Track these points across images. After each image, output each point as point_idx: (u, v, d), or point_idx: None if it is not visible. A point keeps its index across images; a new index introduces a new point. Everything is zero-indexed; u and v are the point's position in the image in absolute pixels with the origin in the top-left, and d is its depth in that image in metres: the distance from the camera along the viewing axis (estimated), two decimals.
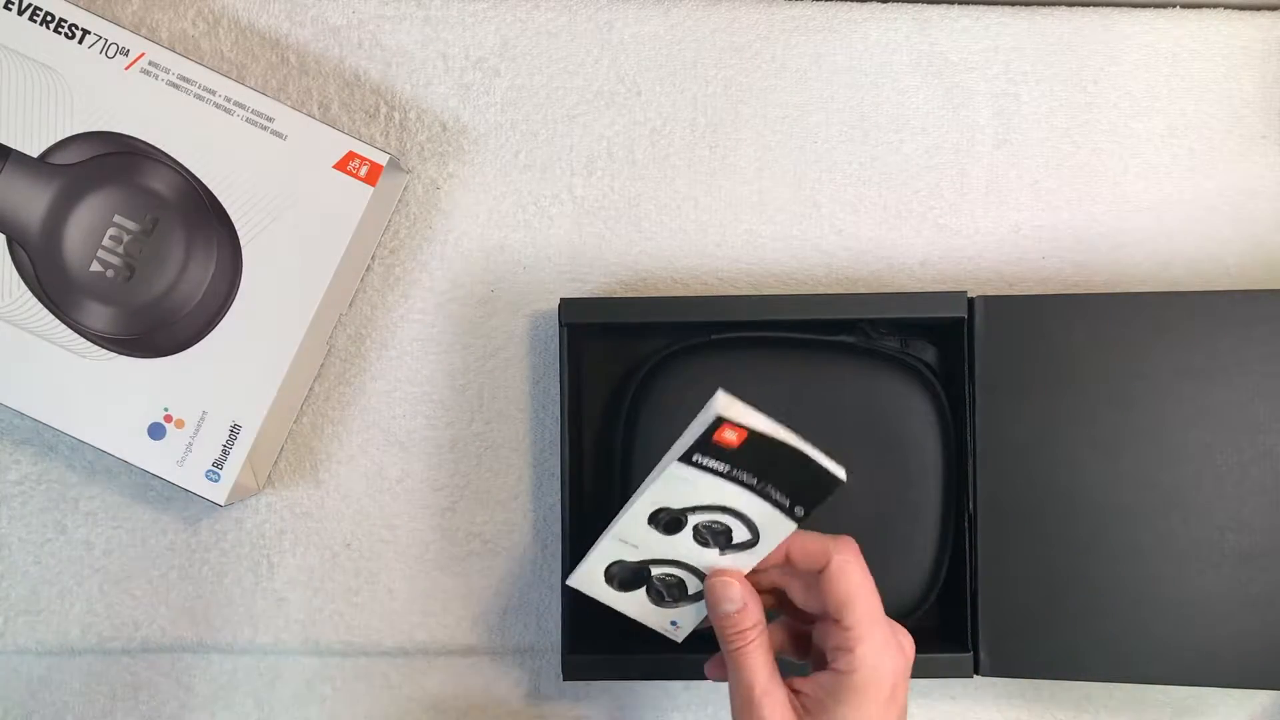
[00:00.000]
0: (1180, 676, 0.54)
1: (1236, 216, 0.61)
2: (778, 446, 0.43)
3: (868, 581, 0.45)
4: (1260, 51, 0.62)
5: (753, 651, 0.45)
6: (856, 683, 0.43)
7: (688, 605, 0.50)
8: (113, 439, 0.55)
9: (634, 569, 0.49)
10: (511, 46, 0.61)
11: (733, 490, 0.45)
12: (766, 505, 0.45)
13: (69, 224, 0.55)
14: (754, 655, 0.45)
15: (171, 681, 0.60)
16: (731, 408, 0.42)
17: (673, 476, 0.45)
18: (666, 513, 0.47)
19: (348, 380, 0.61)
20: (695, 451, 0.44)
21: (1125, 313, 0.56)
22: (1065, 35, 0.61)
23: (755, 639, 0.45)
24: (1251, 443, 0.54)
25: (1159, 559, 0.55)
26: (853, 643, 0.44)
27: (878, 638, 0.44)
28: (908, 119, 0.61)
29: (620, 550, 0.48)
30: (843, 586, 0.45)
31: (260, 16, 0.61)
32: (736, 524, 0.46)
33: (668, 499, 0.46)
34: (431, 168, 0.61)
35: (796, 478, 0.44)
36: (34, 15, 0.55)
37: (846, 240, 0.61)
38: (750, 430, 0.42)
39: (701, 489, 0.45)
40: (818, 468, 0.43)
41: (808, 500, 0.45)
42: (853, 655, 0.44)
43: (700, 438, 0.43)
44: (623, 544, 0.48)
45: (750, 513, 0.46)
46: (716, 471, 0.44)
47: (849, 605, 0.44)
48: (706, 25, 0.61)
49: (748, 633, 0.46)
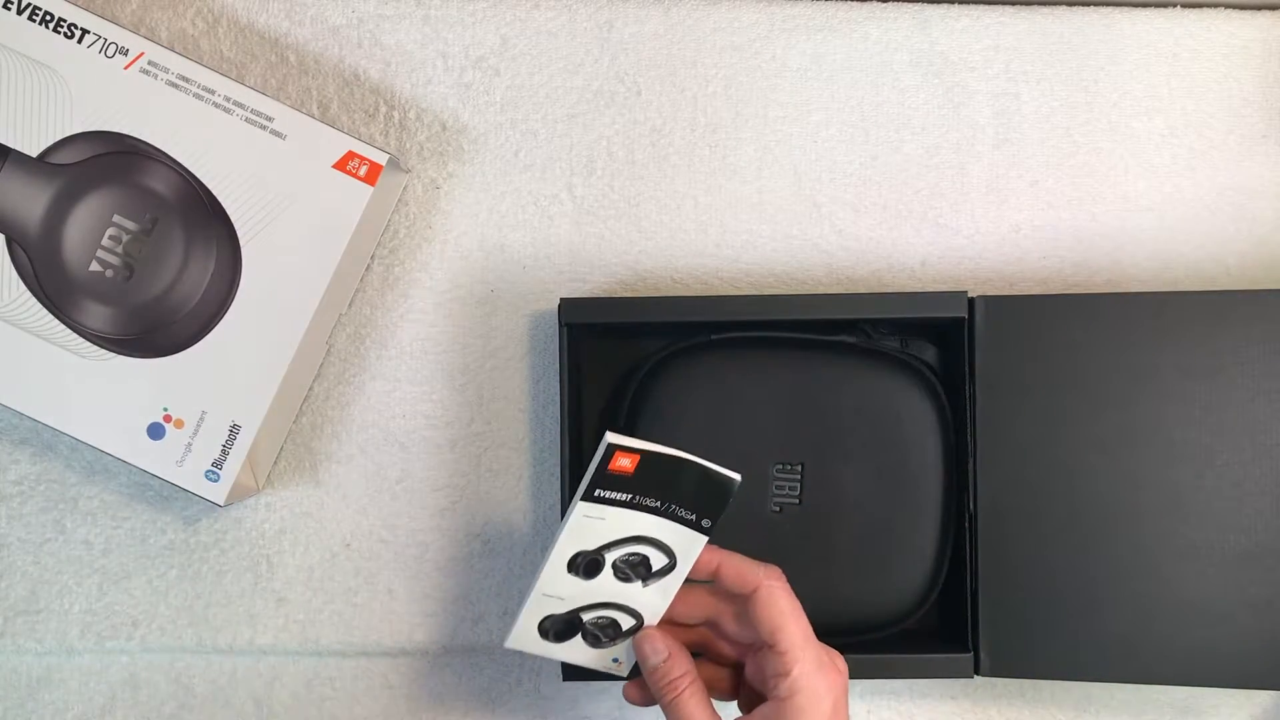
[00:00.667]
0: (1180, 676, 0.55)
1: (1237, 216, 0.61)
2: (670, 464, 0.45)
3: (796, 606, 0.46)
4: (1260, 51, 0.61)
5: (687, 699, 0.47)
6: (798, 706, 0.44)
7: (623, 641, 0.51)
8: (112, 439, 0.55)
9: (565, 619, 0.50)
10: (511, 46, 0.61)
11: (640, 518, 0.47)
12: (675, 525, 0.47)
13: (68, 224, 0.55)
14: (690, 702, 0.47)
15: (171, 681, 0.60)
16: (620, 437, 0.45)
17: (581, 517, 0.47)
18: (583, 555, 0.48)
19: (347, 380, 0.61)
20: (595, 486, 0.46)
21: (1125, 313, 0.56)
22: (1065, 35, 0.61)
23: (687, 686, 0.47)
24: (1251, 443, 0.54)
25: (1159, 559, 0.55)
26: (789, 665, 0.45)
27: (810, 659, 0.45)
28: (908, 118, 0.61)
29: (547, 605, 0.49)
30: (774, 610, 0.46)
31: (260, 16, 0.61)
32: (652, 551, 0.48)
33: (581, 541, 0.48)
34: (431, 167, 0.61)
35: (696, 492, 0.46)
36: (33, 15, 0.55)
37: (846, 240, 0.61)
38: (642, 452, 0.45)
39: (611, 523, 0.47)
40: (713, 475, 0.46)
41: (711, 510, 0.47)
42: (790, 678, 0.45)
43: (596, 470, 0.45)
44: (548, 598, 0.49)
45: (662, 536, 0.47)
46: (620, 502, 0.46)
47: (781, 628, 0.45)
48: (706, 25, 0.61)
49: (677, 681, 0.47)
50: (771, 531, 0.57)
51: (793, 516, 0.57)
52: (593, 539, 0.48)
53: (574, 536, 0.47)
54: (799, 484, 0.58)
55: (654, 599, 0.49)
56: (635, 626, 0.50)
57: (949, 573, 0.57)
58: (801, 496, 0.58)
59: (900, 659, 0.56)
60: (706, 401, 0.58)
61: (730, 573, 0.47)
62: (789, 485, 0.58)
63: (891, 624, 0.57)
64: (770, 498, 0.58)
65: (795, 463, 0.58)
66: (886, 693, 0.60)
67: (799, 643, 0.45)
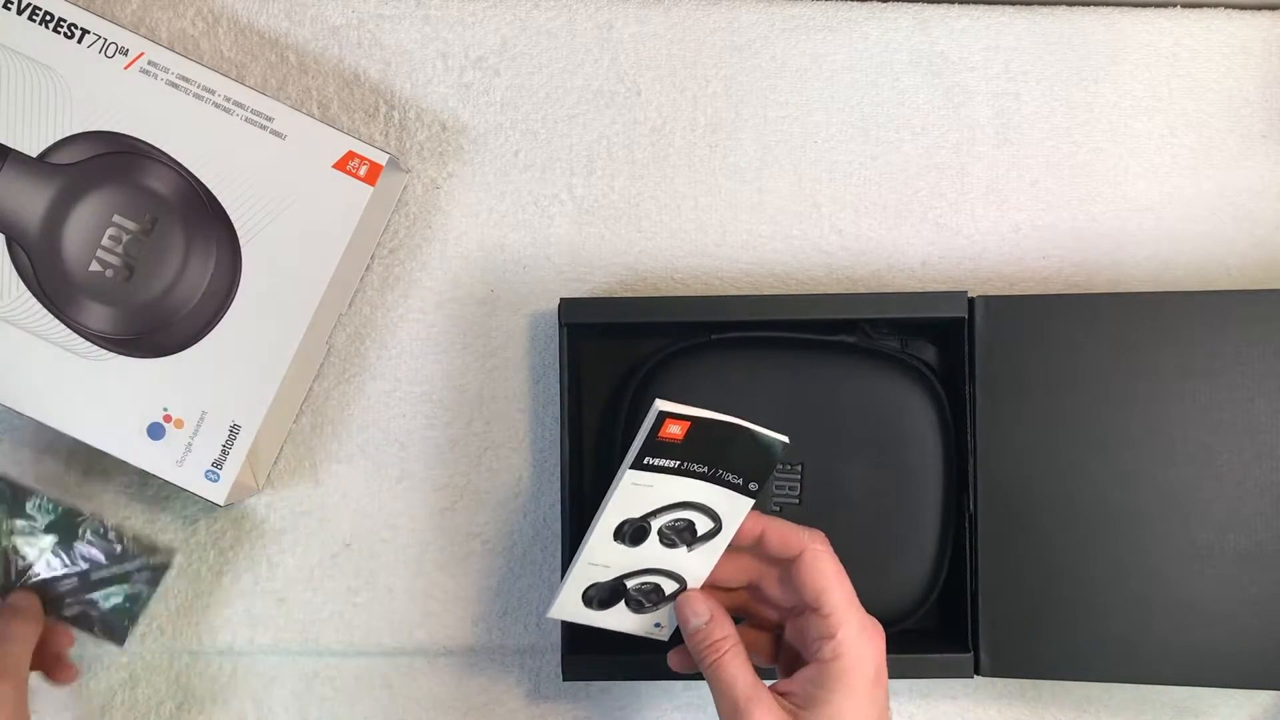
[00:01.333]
0: (1180, 676, 0.55)
1: (1237, 216, 0.61)
2: (720, 429, 0.45)
3: (841, 570, 0.46)
4: (1260, 51, 0.61)
5: (729, 660, 0.46)
6: (843, 668, 0.44)
7: (666, 605, 0.51)
8: (112, 439, 0.55)
9: (610, 587, 0.50)
10: (511, 46, 0.61)
11: (687, 484, 0.47)
12: (722, 489, 0.47)
13: (68, 224, 0.55)
14: (731, 663, 0.46)
15: (171, 681, 0.60)
16: (670, 405, 0.45)
17: (629, 485, 0.47)
18: (630, 524, 0.48)
19: (347, 380, 0.61)
20: (645, 454, 0.46)
21: (1125, 313, 0.56)
22: (1065, 34, 0.61)
23: (729, 648, 0.47)
24: (1251, 443, 0.54)
25: (1159, 559, 0.55)
26: (834, 628, 0.45)
27: (855, 622, 0.45)
28: (908, 118, 0.61)
29: (592, 573, 0.50)
30: (818, 574, 0.46)
31: (260, 16, 0.61)
32: (698, 516, 0.48)
33: (628, 509, 0.48)
34: (431, 167, 0.61)
35: (744, 456, 0.46)
36: (33, 15, 0.55)
37: (846, 240, 0.61)
38: (693, 419, 0.45)
39: (659, 490, 0.47)
40: (761, 439, 0.46)
41: (759, 474, 0.47)
42: (835, 641, 0.44)
43: (647, 439, 0.45)
44: (593, 566, 0.49)
45: (708, 500, 0.47)
46: (669, 469, 0.46)
47: (826, 591, 0.45)
48: (706, 25, 0.61)
49: (720, 643, 0.47)
50: None
51: (793, 516, 0.57)
52: (639, 506, 0.48)
53: (621, 505, 0.47)
54: (799, 484, 0.58)
55: (698, 564, 0.49)
56: (678, 590, 0.50)
57: (949, 573, 0.57)
58: (801, 496, 0.58)
59: (900, 659, 0.56)
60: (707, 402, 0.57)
61: (775, 537, 0.47)
62: (789, 485, 0.58)
63: (891, 624, 0.57)
64: (770, 498, 0.58)
65: (795, 463, 0.58)
66: None
67: (844, 605, 0.45)
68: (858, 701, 0.44)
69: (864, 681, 0.44)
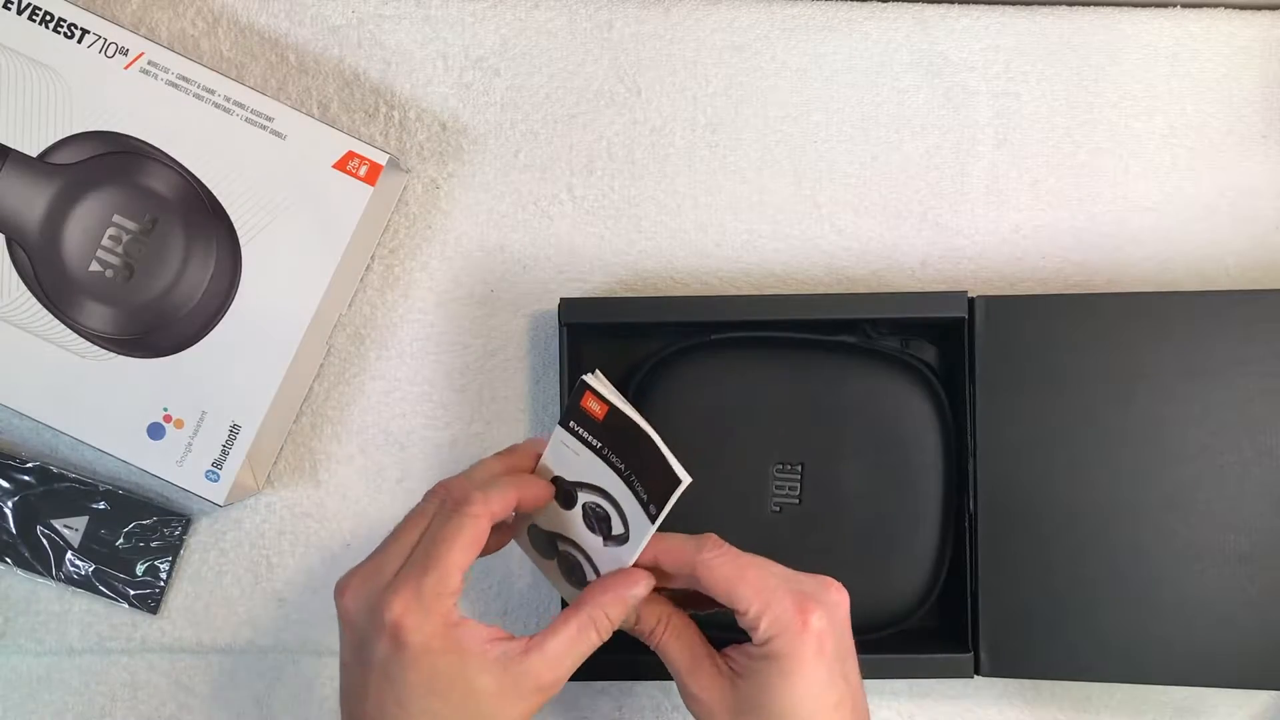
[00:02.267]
0: (1180, 676, 0.55)
1: (1236, 216, 0.61)
2: (635, 433, 0.44)
3: (740, 562, 0.45)
4: (1260, 51, 0.61)
5: (669, 641, 0.47)
6: (774, 650, 0.44)
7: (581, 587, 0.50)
8: (112, 439, 0.55)
9: (546, 536, 0.49)
10: (511, 46, 0.61)
11: (607, 472, 0.45)
12: (632, 498, 0.45)
13: (68, 224, 0.55)
14: (671, 645, 0.47)
15: (171, 682, 0.60)
16: (597, 380, 0.44)
17: (558, 441, 0.46)
18: (562, 483, 0.47)
19: (347, 380, 0.61)
20: (570, 417, 0.45)
21: (1125, 313, 0.56)
22: (1066, 35, 0.61)
23: (664, 633, 0.47)
24: (1251, 443, 0.54)
25: (1159, 559, 0.55)
26: (754, 621, 0.44)
27: (775, 609, 0.44)
28: (908, 118, 0.61)
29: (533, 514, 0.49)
30: (717, 580, 0.45)
31: (260, 16, 0.61)
32: (613, 513, 0.46)
33: (559, 465, 0.47)
34: (431, 167, 0.61)
35: (652, 473, 0.44)
36: (33, 15, 0.55)
37: (846, 240, 0.61)
38: (611, 406, 0.44)
39: (584, 461, 0.46)
40: (666, 465, 0.43)
41: (658, 500, 0.44)
42: (758, 631, 0.44)
43: (571, 402, 0.45)
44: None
45: (622, 502, 0.46)
46: (592, 445, 0.45)
47: (734, 592, 0.44)
48: (706, 25, 0.61)
49: (655, 631, 0.47)
50: (771, 532, 0.57)
51: (793, 516, 0.57)
52: (568, 469, 0.47)
53: (552, 456, 0.47)
54: (799, 484, 0.58)
55: (611, 563, 0.48)
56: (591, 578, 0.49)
57: (949, 573, 0.57)
58: (801, 496, 0.58)
59: (900, 659, 0.56)
60: (706, 401, 0.58)
61: (667, 560, 0.46)
62: (789, 485, 0.58)
63: (891, 624, 0.57)
64: (770, 498, 0.58)
65: (795, 463, 0.58)
66: (886, 693, 0.60)
67: (757, 598, 0.44)
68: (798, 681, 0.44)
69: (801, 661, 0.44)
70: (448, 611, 0.43)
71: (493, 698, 0.43)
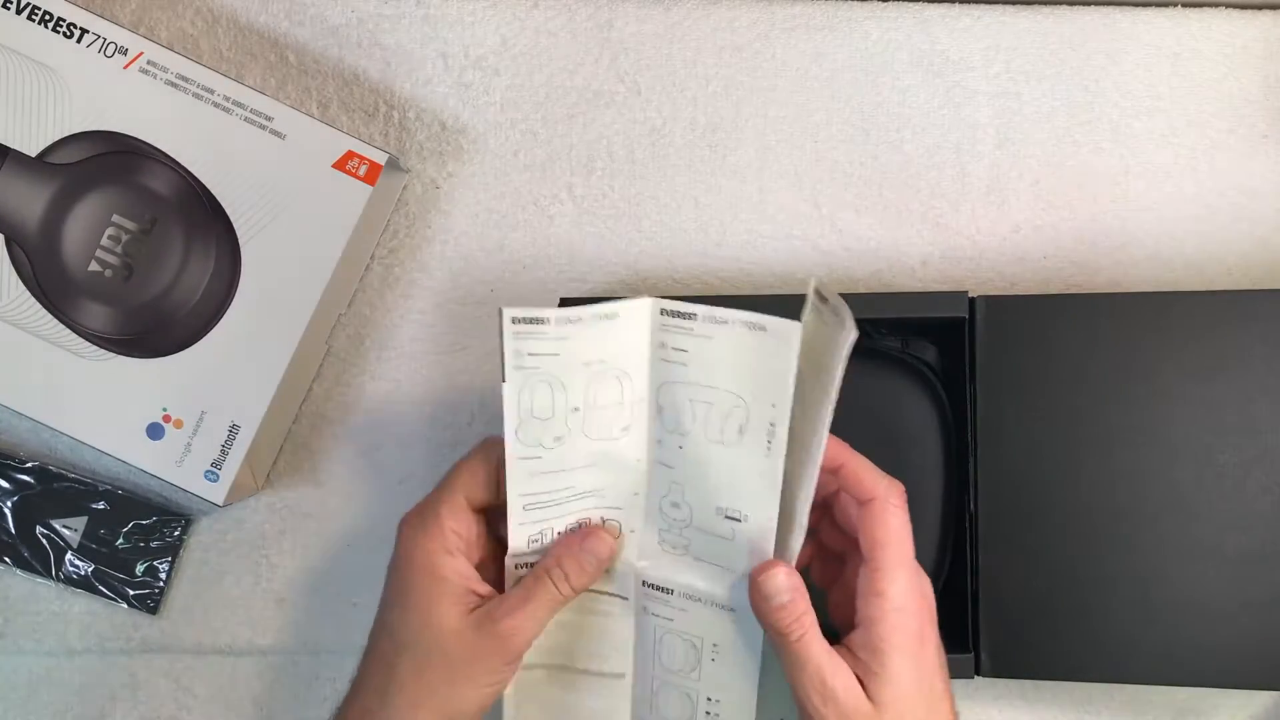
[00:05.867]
0: (1180, 677, 0.54)
1: (1237, 216, 0.61)
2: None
3: (907, 529, 0.45)
4: (1261, 51, 0.61)
5: (812, 637, 0.44)
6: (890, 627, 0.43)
7: None
8: (111, 439, 0.55)
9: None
10: (511, 46, 0.61)
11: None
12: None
13: (67, 223, 0.55)
14: (814, 640, 0.44)
15: (170, 682, 0.60)
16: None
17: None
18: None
19: (347, 381, 0.61)
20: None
21: (1125, 313, 0.55)
22: (1066, 34, 0.61)
23: (811, 623, 0.44)
24: (1252, 443, 0.54)
25: (1159, 559, 0.54)
26: (880, 584, 0.44)
27: (902, 580, 0.44)
28: (908, 118, 0.61)
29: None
30: (882, 526, 0.44)
31: (259, 15, 0.60)
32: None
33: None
34: (431, 167, 0.61)
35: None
36: (32, 14, 0.55)
37: (846, 240, 0.61)
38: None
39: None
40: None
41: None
42: (881, 598, 0.43)
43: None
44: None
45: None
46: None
47: (884, 546, 0.44)
48: (706, 24, 0.61)
49: (805, 618, 0.44)
50: None
51: None
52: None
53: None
54: None
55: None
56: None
57: (949, 573, 0.57)
58: None
59: None
60: None
61: (850, 475, 0.45)
62: None
63: None
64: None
65: None
66: None
67: (894, 563, 0.44)
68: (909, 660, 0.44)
69: (911, 639, 0.44)
70: (444, 536, 0.45)
71: (451, 635, 0.44)
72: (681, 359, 0.44)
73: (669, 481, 0.46)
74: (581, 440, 0.45)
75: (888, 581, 0.44)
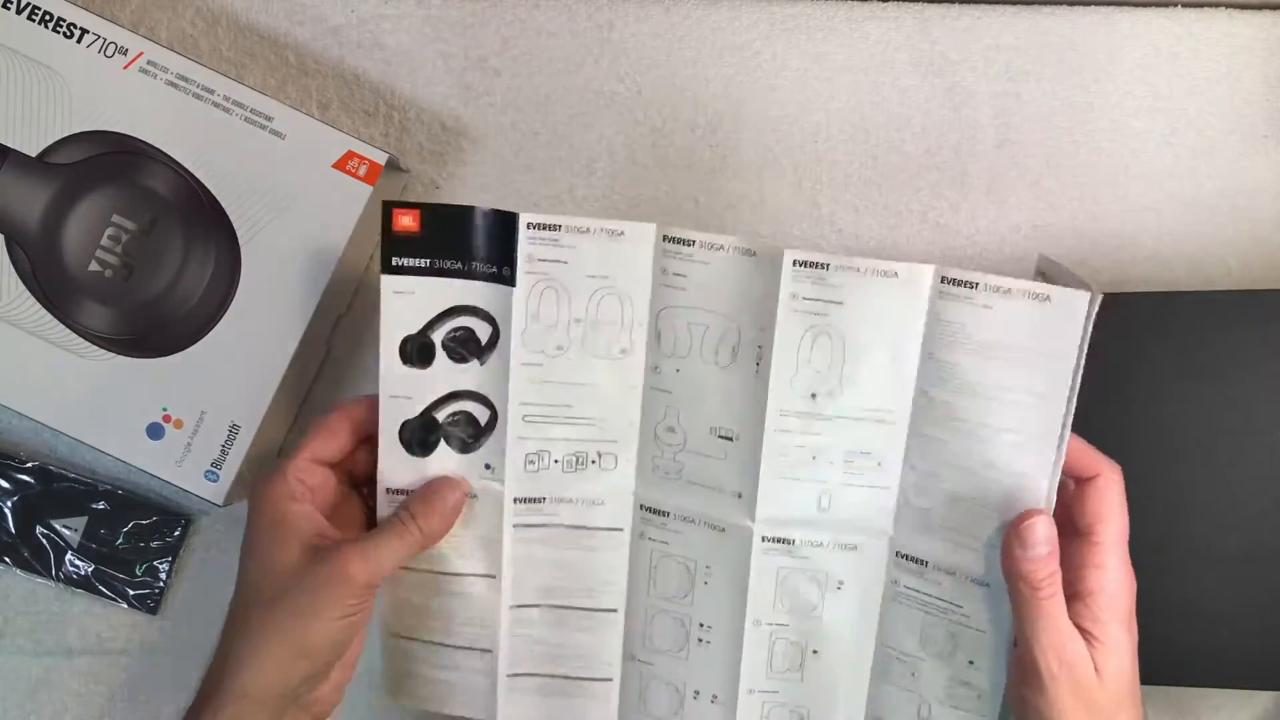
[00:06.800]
0: (1181, 677, 0.54)
1: (1237, 216, 0.61)
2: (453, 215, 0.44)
3: (1125, 507, 0.46)
4: (1261, 51, 0.61)
5: (1061, 599, 0.44)
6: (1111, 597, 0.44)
7: (489, 438, 0.49)
8: (111, 439, 0.55)
9: (421, 422, 0.48)
10: (511, 46, 0.61)
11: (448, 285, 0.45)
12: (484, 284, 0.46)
13: (67, 223, 0.55)
14: (1059, 604, 0.44)
15: (171, 682, 0.60)
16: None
17: (390, 295, 0.46)
18: (410, 340, 0.47)
19: (347, 382, 0.61)
20: (389, 255, 0.45)
21: (1125, 313, 0.55)
22: (1066, 34, 0.61)
23: (1059, 582, 0.44)
24: (1252, 443, 0.54)
25: (1159, 559, 0.54)
26: (1102, 557, 0.44)
27: (1119, 556, 0.45)
28: (908, 118, 0.61)
29: (398, 408, 0.48)
30: (1106, 501, 0.45)
31: (259, 16, 0.61)
32: (475, 321, 0.46)
33: (402, 324, 0.47)
34: (431, 168, 0.61)
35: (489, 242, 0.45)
36: (32, 14, 0.55)
37: (846, 240, 0.61)
38: (420, 206, 0.45)
39: (422, 296, 0.46)
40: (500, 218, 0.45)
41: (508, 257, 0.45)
42: (1103, 570, 0.44)
43: (384, 236, 0.45)
44: (395, 399, 0.48)
45: (477, 301, 0.46)
46: (421, 269, 0.45)
47: (1107, 521, 0.45)
48: (706, 25, 0.61)
49: (1056, 576, 0.44)
50: None
51: None
52: (412, 319, 0.47)
53: (392, 318, 0.47)
54: None
55: (497, 378, 0.47)
56: (492, 418, 0.48)
57: None
58: None
59: None
60: None
61: (1071, 453, 0.46)
62: None
63: None
64: None
65: None
66: None
67: (1117, 538, 0.45)
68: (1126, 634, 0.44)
69: (1128, 614, 0.45)
70: (289, 485, 0.47)
71: (295, 574, 0.45)
72: (681, 284, 0.47)
73: (664, 406, 0.48)
74: (581, 354, 0.47)
75: (1110, 555, 0.44)
